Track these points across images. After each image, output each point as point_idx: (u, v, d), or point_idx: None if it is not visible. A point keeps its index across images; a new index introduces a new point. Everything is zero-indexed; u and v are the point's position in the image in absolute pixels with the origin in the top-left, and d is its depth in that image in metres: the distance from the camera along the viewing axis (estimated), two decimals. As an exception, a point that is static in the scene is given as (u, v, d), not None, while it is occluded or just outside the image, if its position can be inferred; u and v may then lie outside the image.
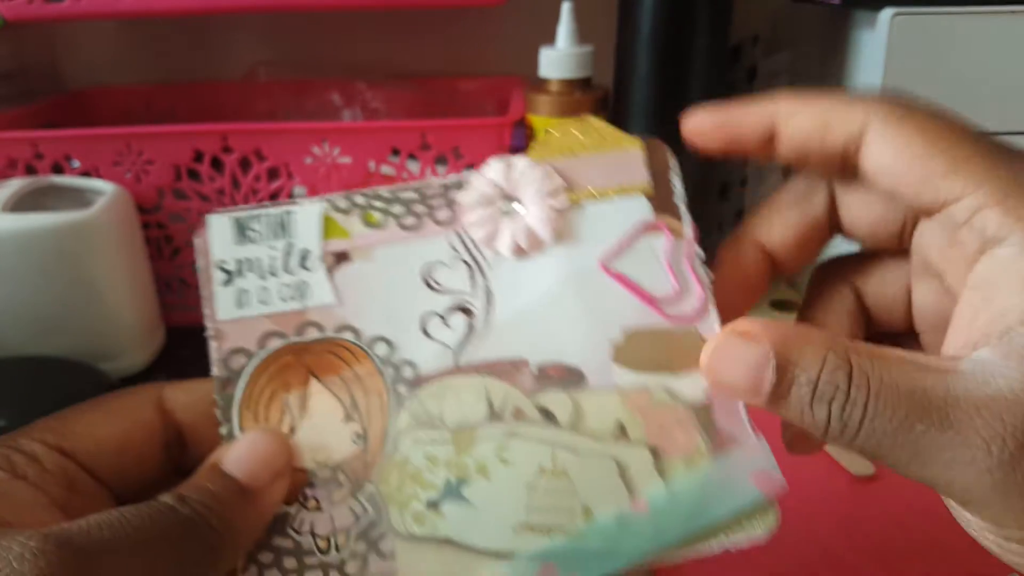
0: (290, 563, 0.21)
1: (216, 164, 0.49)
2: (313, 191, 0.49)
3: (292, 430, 0.22)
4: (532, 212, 0.23)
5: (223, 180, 0.49)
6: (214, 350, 0.22)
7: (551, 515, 0.22)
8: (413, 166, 0.49)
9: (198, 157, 0.48)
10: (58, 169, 0.49)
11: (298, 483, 0.22)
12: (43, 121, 0.60)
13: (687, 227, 0.23)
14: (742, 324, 0.20)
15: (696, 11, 0.49)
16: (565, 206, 0.23)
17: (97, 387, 0.41)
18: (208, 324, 0.23)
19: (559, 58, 0.48)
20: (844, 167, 0.21)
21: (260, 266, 0.23)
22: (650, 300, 0.23)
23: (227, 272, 0.23)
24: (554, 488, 0.22)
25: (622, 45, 0.52)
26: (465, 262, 0.23)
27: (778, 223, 0.24)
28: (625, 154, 0.24)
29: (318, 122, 0.55)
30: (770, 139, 0.22)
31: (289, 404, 0.22)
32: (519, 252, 0.23)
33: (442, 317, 0.23)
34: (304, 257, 0.23)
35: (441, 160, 0.49)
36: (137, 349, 0.48)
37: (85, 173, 0.49)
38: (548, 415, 0.22)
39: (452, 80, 0.68)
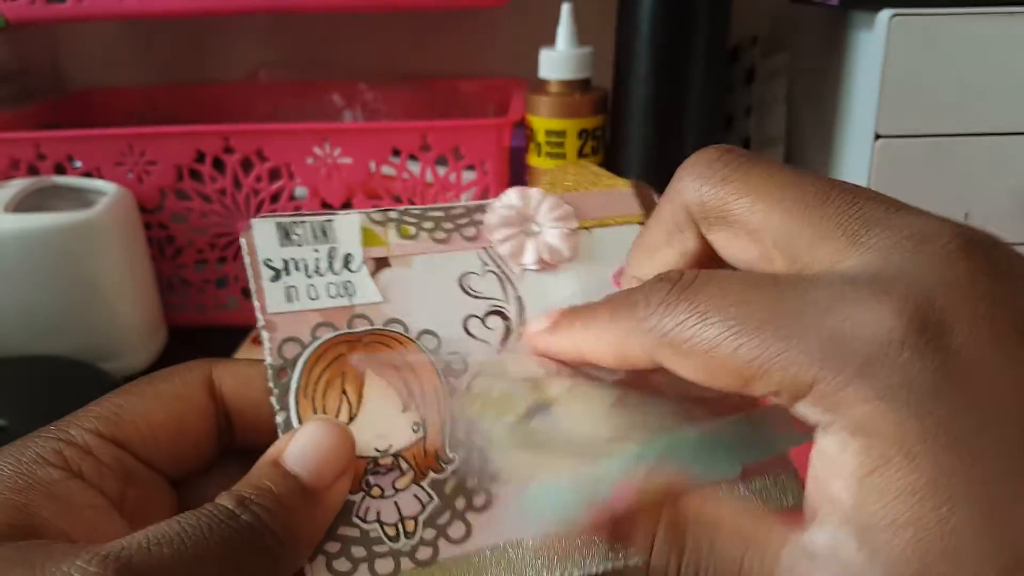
0: (359, 552, 0.21)
1: (218, 164, 0.49)
2: (314, 191, 0.50)
3: (351, 418, 0.22)
4: (550, 232, 0.26)
5: (225, 180, 0.49)
6: (267, 340, 0.23)
7: (637, 430, 0.22)
8: (413, 166, 0.49)
9: (200, 157, 0.49)
10: (60, 169, 0.49)
11: (360, 470, 0.21)
12: (45, 121, 0.60)
13: None
14: None
15: (695, 12, 0.49)
16: (577, 229, 0.26)
17: (99, 387, 0.41)
18: (259, 316, 0.23)
19: (559, 59, 0.48)
20: None
21: (306, 266, 0.24)
22: None
23: (274, 269, 0.24)
24: (629, 415, 0.23)
25: (621, 46, 0.52)
26: (494, 273, 0.25)
27: (656, 264, 0.23)
28: (618, 192, 0.27)
29: (319, 123, 0.55)
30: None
31: (346, 392, 0.22)
32: (543, 265, 0.26)
33: (481, 319, 0.25)
34: (347, 260, 0.24)
35: (441, 160, 0.49)
36: (139, 349, 0.48)
37: (87, 173, 0.49)
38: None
39: (452, 81, 0.68)
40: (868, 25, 0.47)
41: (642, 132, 0.51)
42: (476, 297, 0.25)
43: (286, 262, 0.24)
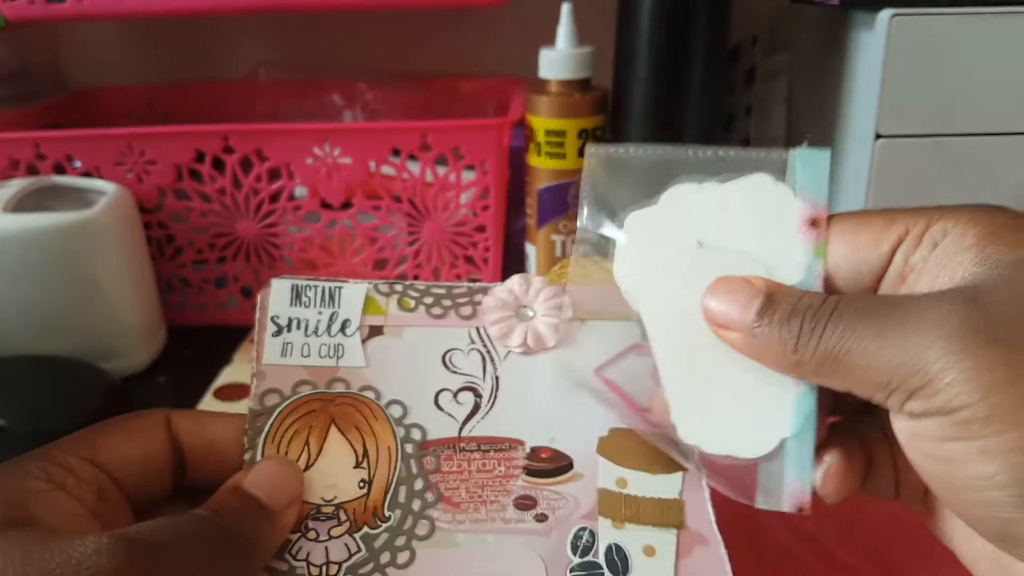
0: None
1: (217, 164, 0.49)
2: (314, 191, 0.50)
3: (307, 466, 0.25)
4: (541, 320, 0.27)
5: (224, 180, 0.49)
6: (253, 387, 0.26)
7: None
8: (413, 166, 0.49)
9: (199, 157, 0.49)
10: (60, 169, 0.49)
11: (303, 514, 0.24)
12: (45, 121, 0.60)
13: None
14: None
15: (695, 12, 0.49)
16: (569, 319, 0.27)
17: (99, 386, 0.41)
18: (254, 364, 0.26)
19: (559, 59, 0.48)
20: None
21: (307, 325, 0.27)
22: (634, 406, 0.26)
23: (278, 325, 0.27)
24: None
25: (622, 46, 0.52)
26: (479, 352, 0.27)
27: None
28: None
29: (319, 122, 0.55)
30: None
31: (308, 443, 0.25)
32: (527, 350, 0.27)
33: (453, 394, 0.27)
34: (345, 325, 0.27)
35: (441, 160, 0.49)
36: (138, 348, 0.48)
37: (87, 173, 0.49)
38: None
39: (452, 81, 0.68)
40: (869, 25, 0.47)
41: (642, 132, 0.51)
42: (455, 373, 0.27)
43: (291, 320, 0.27)
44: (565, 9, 0.48)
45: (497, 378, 0.27)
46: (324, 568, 0.24)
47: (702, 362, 0.24)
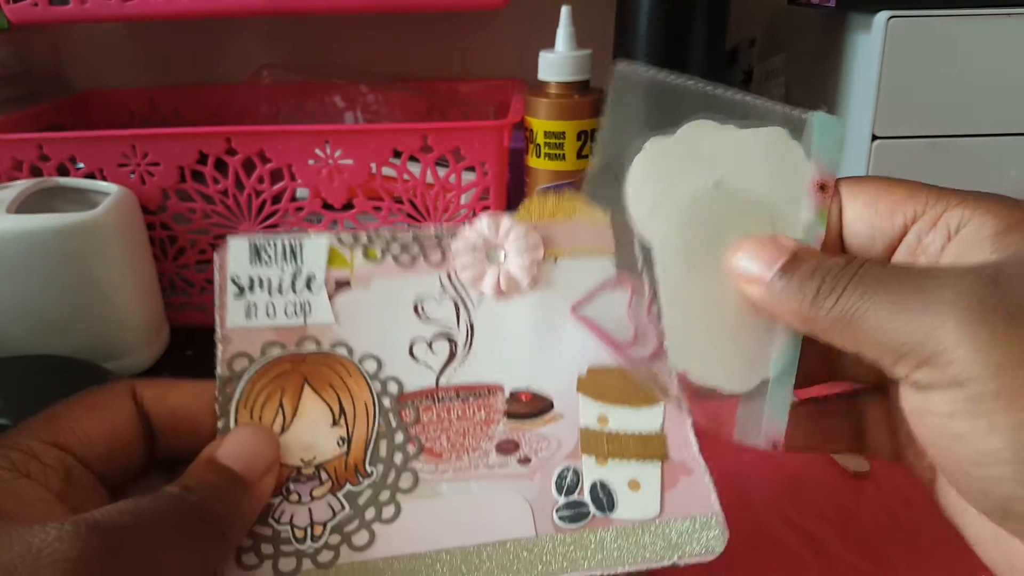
0: (267, 549, 0.23)
1: (220, 166, 0.49)
2: (315, 192, 0.50)
3: (283, 429, 0.24)
4: (513, 261, 0.27)
5: (227, 181, 0.49)
6: (220, 352, 0.25)
7: None
8: (414, 167, 0.49)
9: (202, 159, 0.49)
10: (63, 171, 0.49)
11: (283, 478, 0.24)
12: (48, 123, 0.60)
13: (646, 285, 0.26)
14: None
15: (693, 14, 0.49)
16: (542, 259, 0.27)
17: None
18: (217, 329, 0.25)
19: (558, 61, 0.49)
20: None
21: (270, 284, 0.26)
22: (612, 343, 0.26)
23: (239, 287, 0.26)
24: None
25: (620, 48, 0.52)
26: (452, 299, 0.26)
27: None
28: (594, 223, 0.27)
29: (320, 124, 0.55)
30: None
31: (282, 406, 0.25)
32: (500, 293, 0.26)
33: (428, 343, 0.26)
34: (309, 280, 0.26)
35: (442, 162, 0.49)
36: (142, 348, 0.49)
37: (90, 174, 0.49)
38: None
39: (452, 83, 0.69)
40: (865, 27, 0.47)
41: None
42: (428, 321, 0.26)
43: (252, 280, 0.26)
44: (564, 11, 0.49)
45: (471, 324, 0.26)
46: (308, 530, 0.23)
47: (702, 297, 0.24)
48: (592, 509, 0.24)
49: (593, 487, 0.25)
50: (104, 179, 0.49)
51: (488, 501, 0.24)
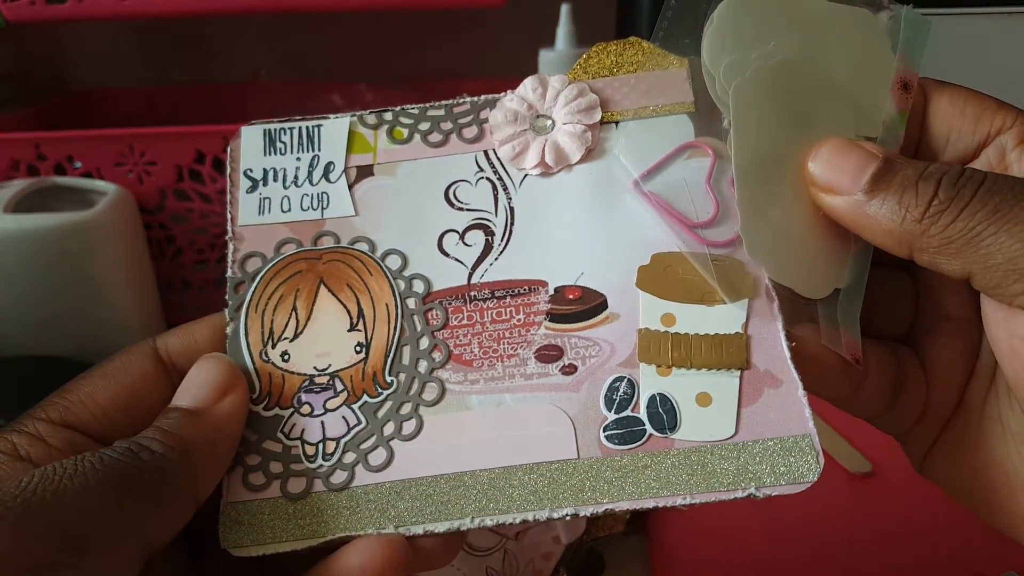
0: (275, 467, 0.21)
1: (218, 165, 0.49)
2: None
3: (296, 334, 0.22)
4: (562, 129, 0.23)
5: (225, 181, 0.49)
6: (231, 252, 0.23)
7: None
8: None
9: (200, 158, 0.49)
10: (60, 170, 0.49)
11: (294, 387, 0.21)
12: (45, 122, 0.60)
13: (733, 150, 0.21)
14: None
15: (694, 13, 0.49)
16: (598, 123, 0.23)
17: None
18: (229, 227, 0.23)
19: (558, 60, 0.49)
20: None
21: (284, 175, 0.24)
22: (685, 223, 0.22)
23: (252, 180, 0.24)
24: None
25: (621, 47, 0.52)
26: (489, 180, 0.23)
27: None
28: (667, 74, 0.23)
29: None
30: None
31: (296, 309, 0.22)
32: (545, 169, 0.23)
33: (460, 235, 0.23)
34: (328, 169, 0.23)
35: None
36: (139, 349, 0.48)
37: (87, 174, 0.49)
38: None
39: (452, 82, 0.68)
40: (867, 26, 0.47)
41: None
42: (461, 209, 0.23)
43: (266, 172, 0.24)
44: (564, 10, 0.48)
45: (511, 209, 0.23)
46: (320, 446, 0.21)
47: (777, 186, 0.21)
48: (649, 428, 0.20)
49: (652, 401, 0.21)
50: (101, 178, 0.49)
51: (524, 417, 0.21)
